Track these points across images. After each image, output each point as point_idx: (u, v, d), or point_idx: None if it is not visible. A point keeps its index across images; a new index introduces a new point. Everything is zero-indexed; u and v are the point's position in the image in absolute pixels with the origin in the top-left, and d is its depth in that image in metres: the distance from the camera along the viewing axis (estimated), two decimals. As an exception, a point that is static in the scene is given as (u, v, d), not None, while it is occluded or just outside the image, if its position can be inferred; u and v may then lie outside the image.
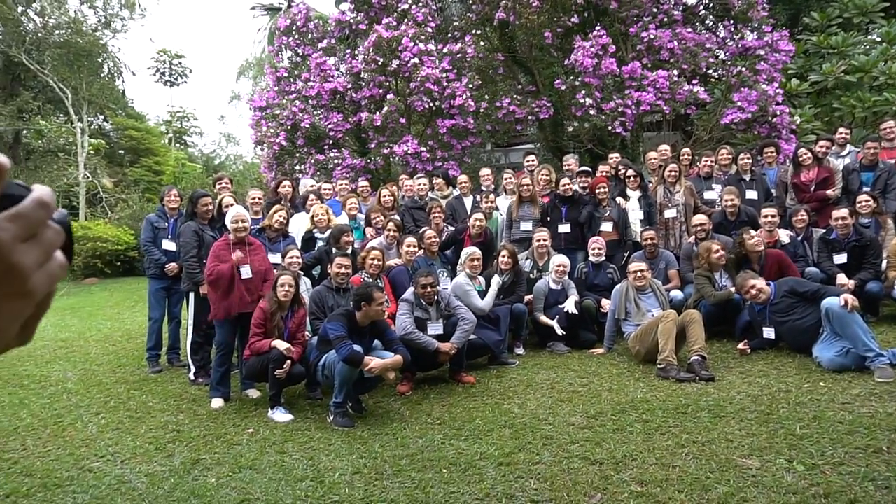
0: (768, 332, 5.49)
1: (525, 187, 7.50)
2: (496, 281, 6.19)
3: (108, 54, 23.10)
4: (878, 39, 12.45)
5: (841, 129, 8.18)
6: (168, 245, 6.47)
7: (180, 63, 29.50)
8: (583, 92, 10.01)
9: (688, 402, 4.48)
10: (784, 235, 6.61)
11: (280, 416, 4.79)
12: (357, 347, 4.62)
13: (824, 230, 6.72)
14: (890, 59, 11.36)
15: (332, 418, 4.65)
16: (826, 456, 3.43)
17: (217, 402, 5.19)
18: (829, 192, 7.32)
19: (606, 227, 7.35)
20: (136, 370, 6.63)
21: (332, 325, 4.66)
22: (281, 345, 4.86)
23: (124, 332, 9.03)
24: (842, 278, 6.14)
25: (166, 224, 6.56)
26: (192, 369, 5.92)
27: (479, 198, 7.90)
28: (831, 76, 11.41)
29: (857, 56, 11.70)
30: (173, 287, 6.54)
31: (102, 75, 23.42)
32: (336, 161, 10.51)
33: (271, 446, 4.22)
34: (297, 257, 5.97)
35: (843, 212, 6.50)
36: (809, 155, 7.43)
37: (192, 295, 5.94)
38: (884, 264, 6.49)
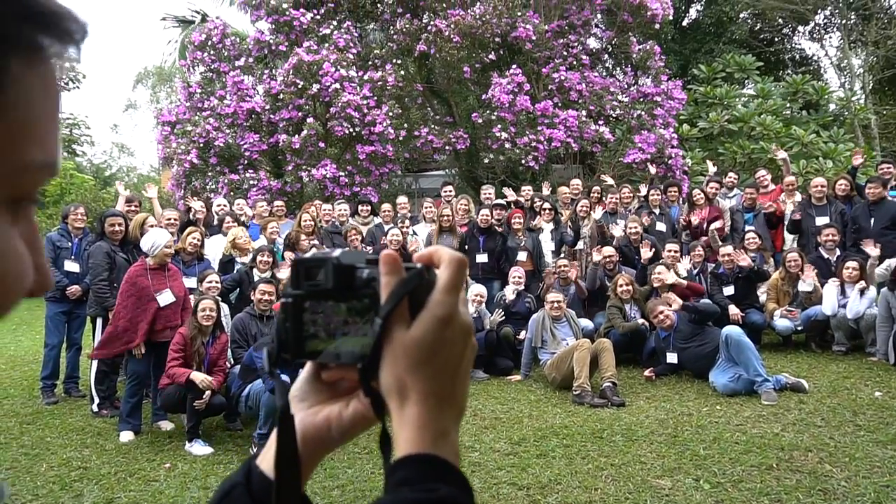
0: (671, 357, 5.98)
1: (445, 217, 7.70)
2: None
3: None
4: (755, 94, 13.96)
5: (731, 175, 9.09)
6: (71, 266, 6.05)
7: (73, 66, 27.50)
8: (499, 126, 10.45)
9: (603, 427, 4.77)
10: (683, 269, 7.21)
11: (199, 448, 4.60)
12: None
13: (713, 265, 7.41)
14: (764, 112, 12.75)
15: (255, 450, 4.52)
16: (727, 474, 3.79)
17: (127, 436, 4.89)
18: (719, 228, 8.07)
19: (521, 256, 7.69)
20: (27, 402, 6.09)
21: (260, 354, 4.56)
22: (198, 377, 4.67)
23: (7, 360, 8.24)
24: (733, 309, 6.77)
25: (69, 244, 6.14)
26: (96, 400, 5.54)
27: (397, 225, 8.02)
28: (717, 124, 12.63)
29: (737, 107, 13.04)
30: (74, 311, 6.11)
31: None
32: (252, 182, 10.26)
33: (192, 482, 4.05)
34: (216, 282, 5.79)
35: (729, 248, 7.22)
36: (702, 195, 8.19)
37: (99, 321, 5.58)
38: (763, 297, 7.26)
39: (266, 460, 0.55)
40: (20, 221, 0.36)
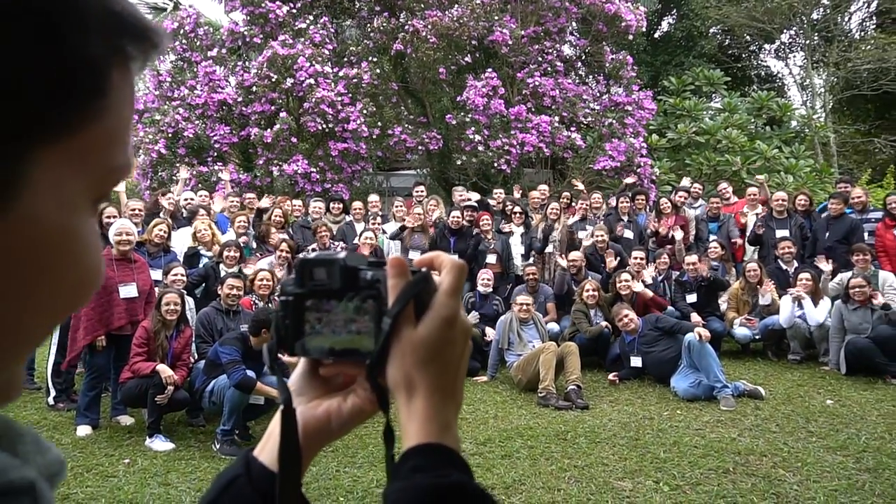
0: (636, 361, 6.11)
1: (417, 216, 7.71)
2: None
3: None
4: (721, 108, 14.33)
5: (696, 185, 9.31)
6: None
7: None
8: (472, 128, 10.50)
9: (567, 429, 4.85)
10: (648, 276, 7.36)
11: (160, 444, 4.51)
12: (250, 373, 4.50)
13: (678, 272, 7.59)
14: (730, 125, 13.10)
15: (218, 447, 4.48)
16: (686, 477, 3.89)
17: (84, 430, 4.77)
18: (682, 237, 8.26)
19: (490, 259, 7.75)
20: (-22, 393, 5.88)
21: (226, 349, 4.51)
22: (165, 371, 4.59)
23: (-43, 349, 7.95)
24: (695, 317, 6.94)
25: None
26: (53, 393, 5.38)
27: (368, 224, 8.01)
28: (684, 135, 12.92)
29: (704, 120, 13.36)
30: (31, 300, 5.92)
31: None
32: (220, 175, 10.09)
33: (153, 478, 3.97)
34: (182, 275, 5.69)
35: (693, 257, 7.40)
36: (669, 204, 8.37)
37: (58, 311, 5.41)
38: (723, 306, 7.46)
39: (265, 452, 0.56)
40: (94, 218, 0.39)
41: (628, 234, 8.24)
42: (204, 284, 6.24)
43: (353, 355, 0.54)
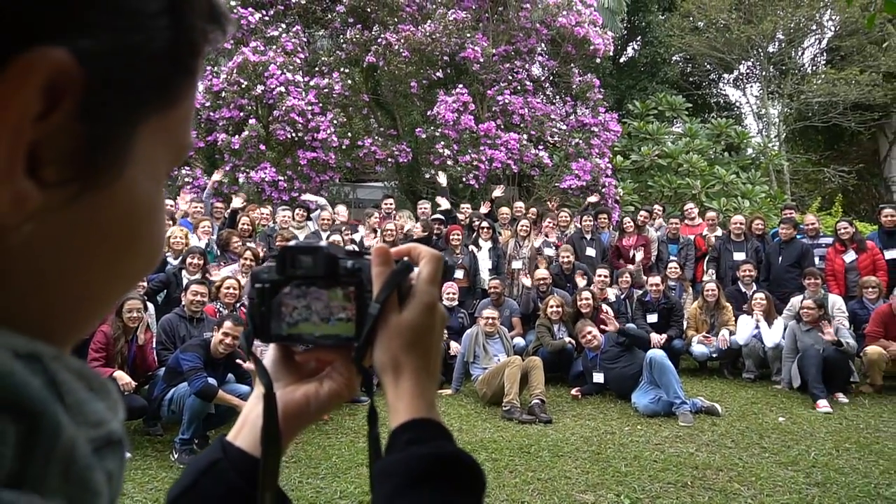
0: (598, 377, 6.22)
1: (389, 232, 7.68)
2: None
3: None
4: (682, 132, 14.80)
5: (656, 206, 9.58)
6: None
7: None
8: (442, 143, 10.59)
9: (530, 443, 4.89)
10: (611, 294, 7.52)
11: (115, 453, 4.37)
12: (211, 381, 4.42)
13: (641, 292, 7.77)
14: (691, 150, 13.53)
15: (176, 456, 4.37)
16: (646, 490, 3.97)
17: (34, 438, 4.59)
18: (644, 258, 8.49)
19: (458, 274, 7.79)
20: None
21: (187, 357, 4.42)
22: (122, 378, 4.47)
23: None
24: (654, 337, 7.07)
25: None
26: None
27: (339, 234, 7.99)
28: (647, 158, 13.28)
29: (667, 144, 13.77)
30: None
31: None
32: (187, 180, 9.91)
33: (107, 487, 3.84)
34: (143, 280, 5.56)
35: (657, 278, 7.59)
36: (632, 224, 8.59)
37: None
38: (684, 324, 7.66)
39: (241, 437, 0.57)
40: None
41: (591, 251, 8.41)
42: (165, 291, 6.11)
43: (335, 340, 0.57)
